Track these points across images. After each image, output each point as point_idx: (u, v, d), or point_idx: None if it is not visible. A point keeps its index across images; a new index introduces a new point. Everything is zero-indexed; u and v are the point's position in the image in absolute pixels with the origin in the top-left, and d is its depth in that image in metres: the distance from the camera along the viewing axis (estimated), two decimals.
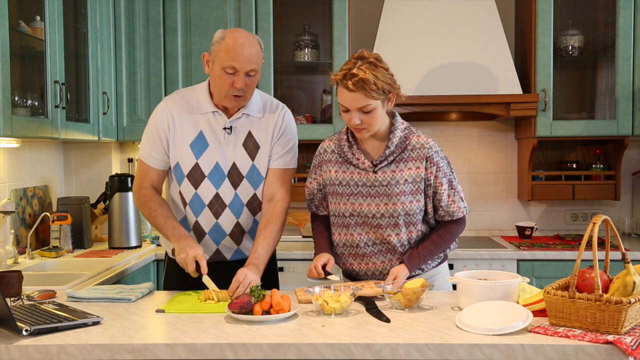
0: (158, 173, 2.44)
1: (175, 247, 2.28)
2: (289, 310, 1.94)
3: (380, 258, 2.33)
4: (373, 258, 2.33)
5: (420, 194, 2.27)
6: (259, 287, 2.01)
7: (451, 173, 2.30)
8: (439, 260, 2.41)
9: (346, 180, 2.32)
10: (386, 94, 2.21)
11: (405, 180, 2.26)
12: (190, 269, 2.21)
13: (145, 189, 2.42)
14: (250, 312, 1.93)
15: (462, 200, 2.32)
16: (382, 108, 2.23)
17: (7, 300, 1.89)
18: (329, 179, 2.36)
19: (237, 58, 2.24)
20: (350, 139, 2.33)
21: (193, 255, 2.20)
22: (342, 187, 2.32)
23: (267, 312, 1.93)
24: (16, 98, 2.73)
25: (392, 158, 2.28)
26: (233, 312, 1.92)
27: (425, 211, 2.31)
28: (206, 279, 2.21)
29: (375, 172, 2.28)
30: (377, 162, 2.28)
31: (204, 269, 2.21)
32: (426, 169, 2.26)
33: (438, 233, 2.33)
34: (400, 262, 2.30)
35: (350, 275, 2.44)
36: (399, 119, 2.34)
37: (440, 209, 2.30)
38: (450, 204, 2.30)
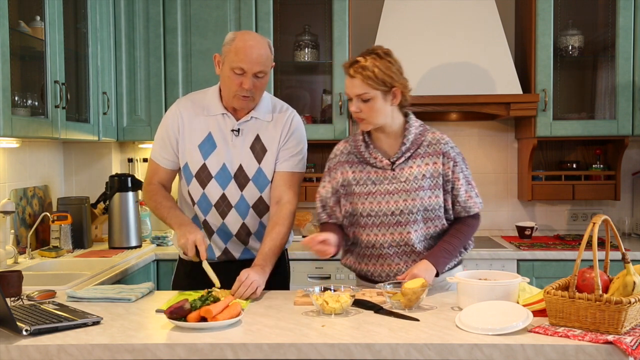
0: (167, 172, 2.50)
1: (177, 233, 2.33)
2: (229, 318, 1.85)
3: (395, 260, 2.33)
4: (389, 259, 2.33)
5: (439, 189, 2.29)
6: (210, 292, 1.98)
7: (467, 169, 2.34)
8: (455, 263, 2.39)
9: (363, 179, 2.32)
10: (388, 87, 2.23)
11: (423, 175, 2.28)
12: (190, 253, 2.26)
13: (153, 185, 2.49)
14: (183, 317, 1.85)
15: (477, 196, 2.35)
16: (384, 101, 2.24)
17: (7, 300, 1.89)
18: (344, 180, 2.34)
19: (245, 59, 2.28)
20: (367, 139, 2.34)
21: (193, 240, 2.25)
22: (359, 186, 2.32)
23: (205, 318, 1.84)
24: (16, 98, 2.73)
25: (408, 154, 2.29)
26: (167, 317, 1.85)
27: (445, 208, 2.32)
28: (205, 265, 2.25)
29: (393, 170, 2.30)
30: (395, 159, 2.29)
31: (203, 254, 2.25)
32: (443, 164, 2.29)
33: (456, 227, 2.33)
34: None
35: (369, 278, 2.40)
36: (412, 117, 2.36)
37: (457, 204, 2.31)
38: (468, 199, 2.31)
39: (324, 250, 2.20)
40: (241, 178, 2.43)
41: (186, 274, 2.53)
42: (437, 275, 2.24)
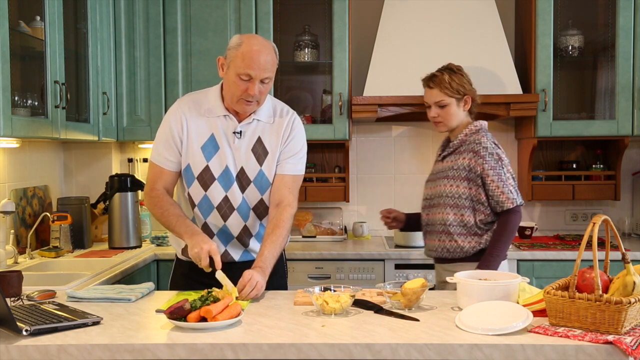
0: (172, 175, 2.44)
1: (188, 243, 2.28)
2: (229, 318, 1.86)
3: (433, 237, 2.73)
4: (428, 236, 2.77)
5: (460, 181, 2.64)
6: (210, 292, 1.97)
7: (501, 168, 2.61)
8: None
9: (431, 171, 2.85)
10: (461, 95, 2.69)
11: (452, 167, 2.68)
12: (204, 263, 2.21)
13: (156, 191, 2.41)
14: (183, 317, 1.85)
15: (512, 192, 2.60)
16: (457, 107, 2.71)
17: (7, 300, 1.89)
18: None
19: (252, 65, 2.26)
20: (445, 140, 2.83)
21: (207, 250, 2.21)
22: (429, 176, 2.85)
23: (205, 318, 1.84)
24: (16, 98, 2.73)
25: (451, 149, 2.72)
26: (167, 317, 1.86)
27: (482, 201, 2.63)
28: (220, 275, 2.19)
29: (442, 162, 2.75)
30: (445, 153, 2.74)
31: (218, 264, 2.20)
32: (474, 160, 2.62)
33: (495, 230, 2.63)
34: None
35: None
36: (477, 122, 2.72)
37: (492, 199, 2.62)
38: (499, 195, 2.60)
39: (384, 222, 2.99)
40: (243, 180, 2.42)
41: (183, 275, 2.52)
42: None
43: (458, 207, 2.64)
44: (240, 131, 2.40)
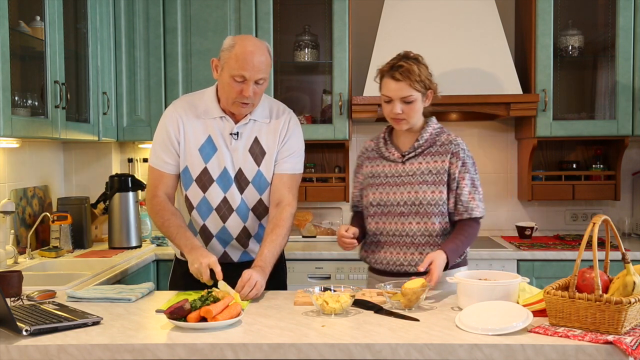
0: (172, 178, 2.43)
1: (188, 259, 2.28)
2: (229, 318, 1.86)
3: (396, 249, 2.43)
4: (390, 248, 2.45)
5: (443, 186, 2.39)
6: (210, 292, 1.96)
7: (475, 173, 2.43)
8: (458, 262, 2.44)
9: (377, 172, 2.48)
10: (426, 89, 2.40)
11: (430, 171, 2.40)
12: (205, 277, 2.20)
13: (158, 198, 2.40)
14: (183, 317, 1.85)
15: (482, 202, 2.43)
16: (421, 102, 2.41)
17: (7, 300, 1.89)
18: (364, 174, 2.53)
19: (246, 67, 2.25)
20: (387, 136, 2.52)
21: (207, 264, 2.20)
22: (374, 178, 2.48)
23: (205, 318, 1.85)
24: (16, 98, 2.73)
25: (420, 150, 2.43)
26: (167, 317, 1.86)
27: (448, 208, 2.41)
28: (222, 285, 2.17)
29: (403, 163, 2.45)
30: (407, 153, 2.44)
31: (219, 274, 2.19)
32: (451, 163, 2.40)
33: (460, 227, 2.40)
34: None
35: (373, 268, 2.53)
36: (434, 119, 2.50)
37: (460, 203, 2.40)
38: (470, 200, 2.40)
39: (349, 244, 2.39)
40: (241, 181, 2.42)
41: (183, 275, 2.51)
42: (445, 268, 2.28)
43: (442, 215, 2.39)
44: (237, 132, 2.40)
